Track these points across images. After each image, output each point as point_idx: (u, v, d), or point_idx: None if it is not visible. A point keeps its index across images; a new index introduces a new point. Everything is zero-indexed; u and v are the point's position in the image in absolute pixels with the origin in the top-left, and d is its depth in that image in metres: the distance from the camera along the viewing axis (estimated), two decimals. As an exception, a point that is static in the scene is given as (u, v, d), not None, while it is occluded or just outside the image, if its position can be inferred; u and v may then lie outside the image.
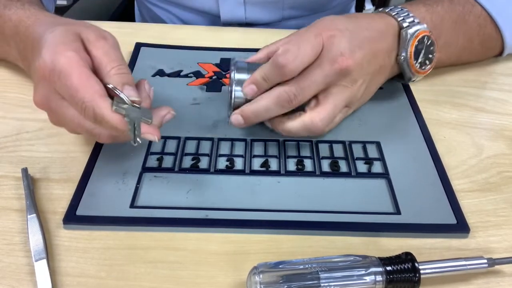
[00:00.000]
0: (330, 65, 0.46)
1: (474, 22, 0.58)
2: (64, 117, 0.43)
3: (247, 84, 0.47)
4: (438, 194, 0.46)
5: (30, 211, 0.42)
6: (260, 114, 0.47)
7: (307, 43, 0.45)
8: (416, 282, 0.37)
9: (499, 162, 0.50)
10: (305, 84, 0.46)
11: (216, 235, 0.42)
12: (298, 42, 0.45)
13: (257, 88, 0.47)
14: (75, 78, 0.40)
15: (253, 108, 0.47)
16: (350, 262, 0.37)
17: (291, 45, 0.45)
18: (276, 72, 0.45)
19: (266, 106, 0.47)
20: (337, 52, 0.46)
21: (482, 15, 0.58)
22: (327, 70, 0.46)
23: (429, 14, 0.55)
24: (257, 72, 0.47)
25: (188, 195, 0.45)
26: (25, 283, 0.38)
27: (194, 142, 0.50)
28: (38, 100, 0.44)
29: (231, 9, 0.74)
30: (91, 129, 0.43)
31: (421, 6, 0.55)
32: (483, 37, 0.59)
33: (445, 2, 0.57)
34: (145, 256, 0.40)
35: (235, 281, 0.39)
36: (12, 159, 0.48)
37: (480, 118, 0.56)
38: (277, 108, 0.47)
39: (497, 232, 0.43)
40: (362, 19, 0.50)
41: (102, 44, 0.43)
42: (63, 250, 0.40)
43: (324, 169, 0.48)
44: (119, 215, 0.43)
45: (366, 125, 0.53)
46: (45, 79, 0.42)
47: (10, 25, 0.52)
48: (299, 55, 0.45)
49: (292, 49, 0.45)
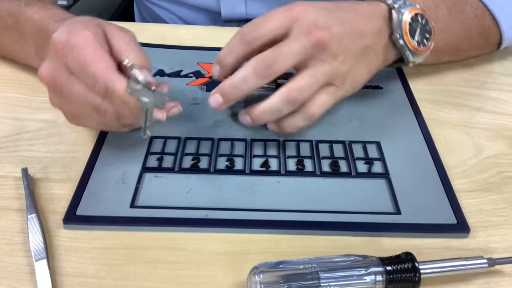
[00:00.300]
0: (305, 36, 0.44)
1: (471, 13, 0.57)
2: (70, 93, 0.43)
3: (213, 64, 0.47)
4: (438, 194, 0.46)
5: (30, 211, 0.42)
6: (239, 87, 0.45)
7: (275, 14, 0.45)
8: (416, 282, 0.37)
9: (499, 162, 0.50)
10: (281, 52, 0.44)
11: (216, 235, 0.42)
12: (265, 15, 0.45)
13: (220, 65, 0.46)
14: (89, 52, 0.41)
15: (230, 81, 0.45)
16: (350, 262, 0.37)
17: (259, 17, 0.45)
18: (239, 41, 0.45)
19: (244, 76, 0.44)
20: (311, 23, 0.44)
21: (480, 7, 0.57)
22: (303, 41, 0.44)
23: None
24: (222, 50, 0.46)
25: (188, 195, 0.45)
26: (25, 283, 0.38)
27: (194, 142, 0.50)
28: (44, 73, 0.43)
29: (232, 5, 0.74)
30: (97, 104, 0.42)
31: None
32: (481, 29, 0.58)
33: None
34: (145, 256, 0.40)
35: (235, 281, 0.39)
36: (12, 159, 0.48)
37: (480, 118, 0.56)
38: (255, 78, 0.44)
39: (497, 232, 0.43)
40: (345, 4, 0.49)
41: (123, 35, 0.44)
42: (63, 250, 0.40)
43: (324, 169, 0.48)
44: (119, 215, 0.43)
45: (366, 125, 0.53)
46: (57, 52, 0.42)
47: (32, 23, 0.52)
48: (264, 24, 0.44)
49: (257, 20, 0.44)
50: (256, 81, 0.45)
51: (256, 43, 0.44)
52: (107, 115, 0.43)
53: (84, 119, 0.46)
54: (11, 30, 0.55)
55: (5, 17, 0.55)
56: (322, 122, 0.53)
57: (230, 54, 0.45)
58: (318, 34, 0.44)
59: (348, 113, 0.55)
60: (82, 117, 0.45)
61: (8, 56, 0.60)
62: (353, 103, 0.56)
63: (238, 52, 0.45)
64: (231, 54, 0.45)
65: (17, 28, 0.54)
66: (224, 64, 0.46)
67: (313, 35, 0.44)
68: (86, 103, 0.42)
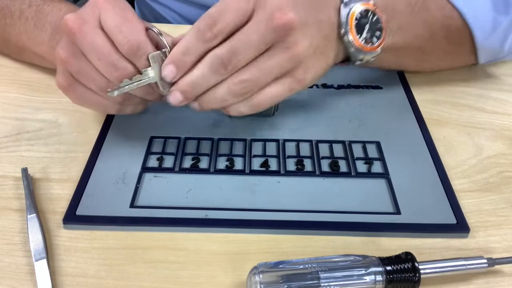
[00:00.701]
0: (265, 23, 0.40)
1: (437, 12, 0.53)
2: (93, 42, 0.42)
3: (165, 64, 0.42)
4: (438, 194, 0.46)
5: (30, 211, 0.42)
6: (198, 85, 0.42)
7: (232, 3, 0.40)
8: (416, 282, 0.37)
9: (499, 162, 0.50)
10: (238, 46, 0.40)
11: (216, 235, 0.42)
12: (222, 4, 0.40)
13: (177, 68, 0.42)
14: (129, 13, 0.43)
15: (188, 79, 0.42)
16: (350, 262, 0.37)
17: (215, 7, 0.40)
18: (196, 39, 0.41)
19: (202, 74, 0.41)
20: (273, 7, 0.40)
21: (447, 6, 0.53)
22: (262, 28, 0.40)
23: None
24: (176, 48, 0.41)
25: (188, 195, 0.45)
26: (25, 283, 0.38)
27: (194, 142, 0.50)
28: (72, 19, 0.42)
29: None
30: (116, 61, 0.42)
31: None
32: (448, 29, 0.54)
33: None
34: (145, 256, 0.40)
35: (235, 281, 0.39)
36: (12, 159, 0.49)
37: (480, 118, 0.56)
38: (213, 75, 0.41)
39: (497, 232, 0.43)
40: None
41: None
42: (63, 250, 0.40)
43: (324, 169, 0.48)
44: (119, 215, 0.43)
45: (366, 125, 0.53)
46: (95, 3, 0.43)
47: (59, 13, 0.54)
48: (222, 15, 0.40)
49: (213, 10, 0.40)
50: (216, 77, 0.42)
51: (215, 40, 0.41)
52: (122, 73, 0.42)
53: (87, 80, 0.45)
54: (26, 20, 0.55)
55: (24, 8, 0.56)
56: (322, 122, 0.53)
57: (187, 55, 0.41)
58: (281, 19, 0.40)
59: (348, 113, 0.55)
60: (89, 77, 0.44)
61: (11, 47, 0.60)
62: (353, 103, 0.56)
63: (196, 52, 0.41)
64: (188, 54, 0.41)
65: (36, 17, 0.55)
66: (180, 66, 0.42)
67: (276, 20, 0.40)
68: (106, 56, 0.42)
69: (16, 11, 0.56)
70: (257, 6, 0.41)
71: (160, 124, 0.52)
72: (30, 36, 0.55)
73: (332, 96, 0.57)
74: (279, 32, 0.40)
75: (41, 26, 0.54)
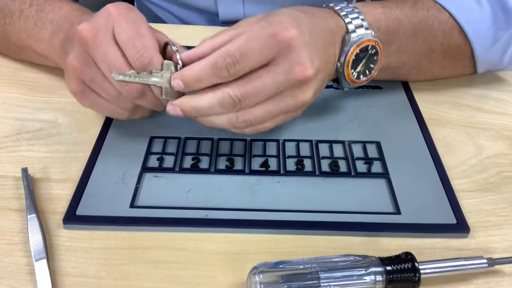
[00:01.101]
0: (285, 75, 0.41)
1: (438, 29, 0.53)
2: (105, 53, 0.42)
3: (177, 76, 0.42)
4: (438, 194, 0.46)
5: (30, 211, 0.42)
6: (202, 111, 0.42)
7: (257, 44, 0.40)
8: (416, 282, 0.37)
9: (499, 162, 0.50)
10: (252, 91, 0.41)
11: (216, 235, 0.42)
12: (247, 41, 0.40)
13: (185, 85, 0.41)
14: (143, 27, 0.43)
15: (193, 104, 0.42)
16: (350, 262, 0.37)
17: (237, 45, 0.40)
18: (211, 73, 0.40)
19: (209, 106, 0.42)
20: (295, 60, 0.41)
21: (449, 22, 0.53)
22: (281, 80, 0.41)
23: (385, 16, 0.50)
24: (189, 71, 0.41)
25: (188, 195, 0.45)
26: (25, 283, 0.38)
27: (194, 142, 0.50)
28: (86, 28, 0.43)
29: (229, 6, 0.74)
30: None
31: (379, 7, 0.51)
32: (448, 47, 0.54)
33: (408, 4, 0.52)
34: (145, 256, 0.40)
35: (235, 281, 0.39)
36: (12, 159, 0.49)
37: (480, 118, 0.56)
38: (221, 110, 0.42)
39: (497, 232, 0.43)
40: (317, 17, 0.46)
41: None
42: (63, 250, 0.40)
43: (324, 169, 0.48)
44: (119, 215, 0.43)
45: (366, 125, 0.53)
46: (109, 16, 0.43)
47: (60, 12, 0.54)
48: (243, 58, 0.40)
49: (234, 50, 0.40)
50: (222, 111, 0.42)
51: (231, 78, 0.41)
52: (133, 87, 0.43)
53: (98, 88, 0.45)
54: (26, 18, 0.56)
55: (25, 8, 0.56)
56: (322, 122, 0.53)
57: (198, 83, 0.41)
58: (300, 74, 0.41)
59: (348, 113, 0.55)
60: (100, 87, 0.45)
61: (11, 46, 0.60)
62: (353, 103, 0.56)
63: (208, 82, 0.41)
64: (199, 83, 0.41)
65: (36, 16, 0.55)
66: (188, 87, 0.42)
67: (294, 75, 0.41)
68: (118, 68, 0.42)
69: (16, 10, 0.56)
70: (278, 54, 0.41)
71: (160, 124, 0.52)
72: (30, 34, 0.55)
73: (332, 96, 0.57)
74: (294, 84, 0.42)
75: (41, 24, 0.54)
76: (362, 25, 0.47)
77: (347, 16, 0.47)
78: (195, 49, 0.43)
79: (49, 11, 0.54)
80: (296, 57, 0.41)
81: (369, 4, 0.51)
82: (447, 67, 0.58)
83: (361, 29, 0.47)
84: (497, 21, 0.53)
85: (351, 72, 0.48)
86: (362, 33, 0.47)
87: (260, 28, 0.41)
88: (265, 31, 0.40)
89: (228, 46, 0.40)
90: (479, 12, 0.53)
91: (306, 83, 0.42)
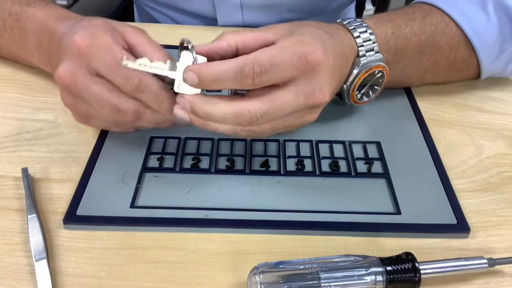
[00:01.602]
0: (304, 98, 0.41)
1: (445, 44, 0.53)
2: (90, 93, 0.42)
3: (194, 69, 0.40)
4: (438, 194, 0.46)
5: (30, 211, 0.42)
6: (212, 117, 0.41)
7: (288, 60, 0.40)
8: (416, 282, 0.37)
9: (499, 162, 0.50)
10: (270, 112, 0.41)
11: (216, 235, 0.42)
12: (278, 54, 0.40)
13: (200, 82, 0.40)
14: (117, 52, 0.41)
15: (206, 109, 0.41)
16: (350, 262, 0.37)
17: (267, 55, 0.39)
18: (235, 79, 0.39)
19: (223, 116, 0.41)
20: (317, 85, 0.41)
21: (456, 36, 0.53)
22: (300, 103, 0.41)
23: (394, 37, 0.51)
24: (209, 68, 0.40)
25: (188, 195, 0.45)
26: (25, 283, 0.38)
27: (194, 142, 0.50)
28: (63, 73, 0.42)
29: (228, 13, 0.74)
30: (120, 104, 0.42)
31: (389, 27, 0.51)
32: (453, 60, 0.55)
33: (417, 20, 0.52)
34: (145, 256, 0.40)
35: (235, 281, 0.39)
36: (12, 159, 0.48)
37: (480, 118, 0.56)
38: (233, 122, 0.41)
39: (497, 232, 0.43)
40: (335, 39, 0.46)
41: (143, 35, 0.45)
42: (63, 250, 0.40)
43: (324, 169, 0.48)
44: (119, 215, 0.43)
45: (366, 125, 0.53)
46: (80, 53, 0.42)
47: (35, 21, 0.52)
48: (269, 72, 0.39)
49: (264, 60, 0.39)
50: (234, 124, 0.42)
51: (252, 87, 0.40)
52: (127, 114, 0.43)
53: (97, 120, 0.45)
54: (11, 30, 0.55)
55: (6, 18, 0.55)
56: (322, 122, 0.53)
57: (215, 83, 0.40)
58: (318, 100, 0.42)
59: (348, 113, 0.55)
60: (97, 117, 0.45)
61: (6, 56, 0.60)
62: (353, 103, 0.56)
63: (226, 85, 0.40)
64: (217, 83, 0.40)
65: (18, 27, 0.54)
66: (202, 84, 0.41)
67: (313, 99, 0.41)
68: (107, 102, 0.42)
69: (0, 21, 0.55)
70: (303, 75, 0.41)
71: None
72: (20, 47, 0.55)
73: (332, 96, 0.57)
74: (309, 107, 0.42)
75: (25, 38, 0.53)
76: (373, 49, 0.48)
77: (359, 37, 0.48)
78: (216, 41, 0.42)
79: (26, 21, 0.53)
80: (318, 82, 0.41)
81: (381, 23, 0.51)
82: (451, 77, 0.58)
83: (371, 53, 0.48)
84: (503, 33, 0.54)
85: (356, 94, 0.50)
86: (372, 58, 0.48)
87: (292, 45, 0.40)
88: (297, 49, 0.40)
89: (258, 53, 0.40)
90: (486, 23, 0.53)
91: (319, 107, 0.44)
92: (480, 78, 0.58)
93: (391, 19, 0.52)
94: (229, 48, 0.42)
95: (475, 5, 0.53)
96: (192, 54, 0.41)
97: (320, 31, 0.44)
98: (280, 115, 0.41)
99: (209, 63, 0.41)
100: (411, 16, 0.53)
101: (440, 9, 0.53)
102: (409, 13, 0.53)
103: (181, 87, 0.41)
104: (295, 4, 0.75)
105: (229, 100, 0.41)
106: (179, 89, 0.41)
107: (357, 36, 0.48)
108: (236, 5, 0.73)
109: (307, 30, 0.44)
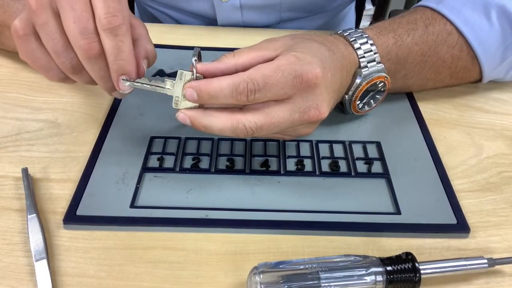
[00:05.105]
0: (300, 115, 0.42)
1: (447, 54, 0.53)
2: (56, 21, 0.40)
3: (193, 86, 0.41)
4: (438, 194, 0.46)
5: (30, 211, 0.42)
6: (210, 130, 0.42)
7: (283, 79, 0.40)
8: (416, 282, 0.37)
9: (499, 162, 0.50)
10: (266, 126, 0.41)
11: (216, 235, 0.42)
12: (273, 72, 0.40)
13: (198, 99, 0.41)
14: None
15: (206, 123, 0.42)
16: (350, 262, 0.37)
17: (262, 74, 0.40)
18: (231, 96, 0.40)
19: (221, 129, 0.42)
20: (313, 103, 0.42)
21: (458, 45, 0.53)
22: (295, 119, 0.42)
23: (396, 47, 0.51)
24: (206, 85, 0.41)
25: (188, 195, 0.45)
26: (25, 283, 0.38)
27: (194, 142, 0.50)
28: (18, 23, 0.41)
29: (228, 13, 0.74)
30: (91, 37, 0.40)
31: (391, 37, 0.51)
32: (455, 69, 0.55)
33: (419, 29, 0.52)
34: (145, 256, 0.40)
35: (235, 281, 0.39)
36: (12, 159, 0.48)
37: (480, 118, 0.56)
38: (231, 134, 0.42)
39: (497, 232, 0.43)
40: (335, 54, 0.46)
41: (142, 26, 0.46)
42: (63, 250, 0.40)
43: (324, 169, 0.48)
44: (119, 215, 0.43)
45: (366, 125, 0.53)
46: None
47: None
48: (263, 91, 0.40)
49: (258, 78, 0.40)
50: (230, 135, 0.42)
51: (247, 104, 0.41)
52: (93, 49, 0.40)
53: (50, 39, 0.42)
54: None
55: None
56: (322, 122, 0.53)
57: (212, 99, 0.41)
58: (314, 117, 0.42)
59: (348, 113, 0.55)
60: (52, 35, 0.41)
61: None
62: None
63: (223, 102, 0.41)
64: (214, 100, 0.41)
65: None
66: (201, 100, 0.42)
67: (309, 116, 0.42)
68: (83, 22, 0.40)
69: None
70: (300, 91, 0.41)
71: (160, 124, 0.52)
72: (7, 10, 0.54)
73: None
74: (305, 123, 0.43)
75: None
76: (374, 60, 0.48)
77: (360, 48, 0.48)
78: (215, 62, 0.43)
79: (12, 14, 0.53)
80: (315, 100, 0.42)
81: (382, 34, 0.51)
82: (452, 84, 0.58)
83: (373, 63, 0.49)
84: (506, 40, 0.53)
85: (357, 103, 0.50)
86: (374, 69, 0.49)
87: (289, 63, 0.41)
88: (293, 68, 0.40)
89: (253, 72, 0.40)
90: (489, 31, 0.53)
91: (315, 123, 0.45)
92: (481, 83, 0.59)
93: (393, 29, 0.52)
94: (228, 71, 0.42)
95: (478, 12, 0.53)
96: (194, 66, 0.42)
97: (322, 48, 0.45)
98: (275, 130, 0.42)
99: (208, 80, 0.41)
100: (413, 26, 0.52)
101: (443, 15, 0.53)
102: (411, 21, 0.53)
103: (179, 104, 0.43)
104: (295, 3, 0.75)
105: (226, 112, 0.42)
106: (178, 106, 0.43)
107: (358, 48, 0.48)
108: (235, 6, 0.73)
109: (308, 46, 0.44)
